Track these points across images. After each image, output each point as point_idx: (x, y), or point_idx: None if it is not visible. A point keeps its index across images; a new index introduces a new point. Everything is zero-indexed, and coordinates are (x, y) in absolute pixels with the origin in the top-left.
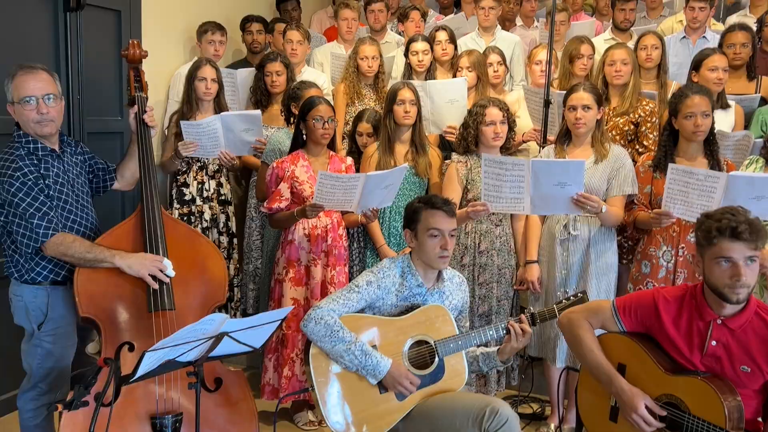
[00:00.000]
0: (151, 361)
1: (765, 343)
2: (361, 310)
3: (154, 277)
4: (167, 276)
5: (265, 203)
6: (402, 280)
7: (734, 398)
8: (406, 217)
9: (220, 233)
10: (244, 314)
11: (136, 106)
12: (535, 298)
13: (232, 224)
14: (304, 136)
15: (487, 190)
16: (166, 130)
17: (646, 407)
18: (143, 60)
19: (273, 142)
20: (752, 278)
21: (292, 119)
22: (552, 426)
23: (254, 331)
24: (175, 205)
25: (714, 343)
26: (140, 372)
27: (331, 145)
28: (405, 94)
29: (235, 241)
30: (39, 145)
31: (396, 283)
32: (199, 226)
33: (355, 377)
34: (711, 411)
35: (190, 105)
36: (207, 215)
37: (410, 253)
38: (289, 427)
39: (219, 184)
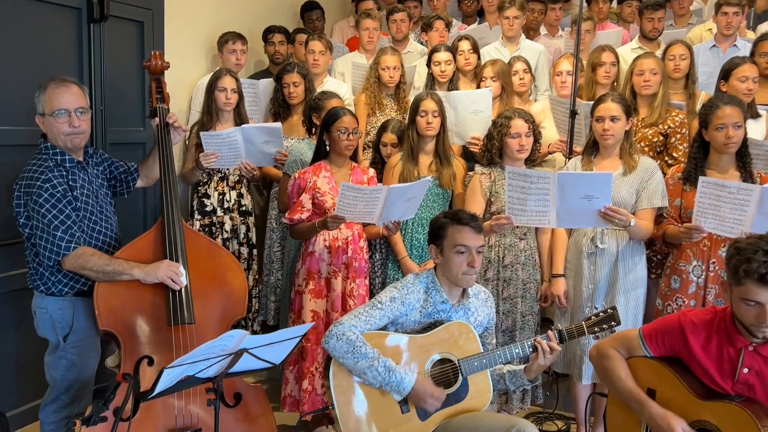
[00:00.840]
0: (170, 377)
1: None
2: (384, 327)
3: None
4: (181, 283)
5: (286, 214)
6: (426, 296)
7: None
8: (431, 232)
9: (240, 244)
10: (264, 325)
11: (157, 118)
12: (561, 313)
13: (253, 235)
14: (327, 146)
15: (511, 203)
16: (187, 141)
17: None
18: (165, 71)
19: (294, 153)
20: None
21: (313, 130)
22: None
23: (274, 347)
24: (196, 216)
25: (746, 370)
26: (159, 389)
27: (353, 156)
28: (428, 104)
29: (254, 251)
30: (66, 157)
31: (420, 300)
32: (220, 237)
33: (377, 396)
34: None
35: (210, 115)
36: (228, 226)
37: (435, 268)
38: None
39: (240, 195)
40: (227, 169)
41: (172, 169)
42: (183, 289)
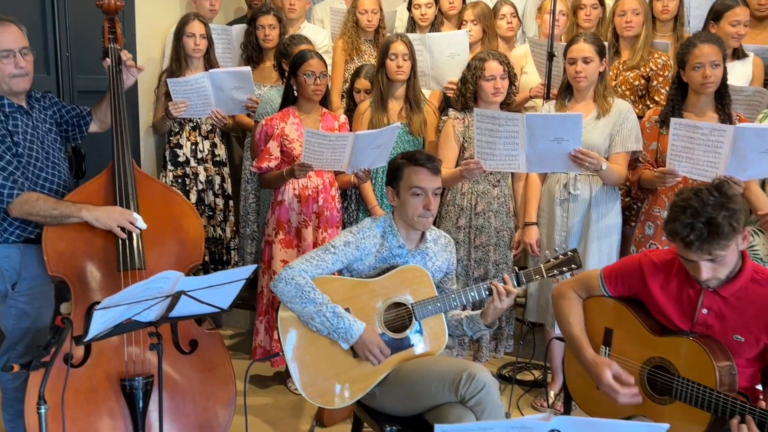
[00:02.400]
0: (104, 319)
1: (763, 311)
2: (339, 272)
3: (124, 231)
4: (138, 228)
5: (254, 162)
6: (382, 240)
7: (727, 360)
8: (388, 174)
9: (215, 195)
10: None
11: (108, 59)
12: (534, 261)
13: (228, 186)
14: (295, 92)
15: (480, 147)
16: (156, 90)
17: (615, 377)
18: (120, 11)
19: (265, 101)
20: (721, 272)
21: (285, 76)
22: (552, 393)
23: (216, 290)
24: (169, 167)
25: (705, 311)
26: (94, 331)
27: (325, 103)
28: (398, 47)
29: (231, 203)
30: (5, 101)
31: (376, 244)
32: (194, 188)
33: (328, 341)
34: (701, 372)
35: (179, 62)
36: (202, 177)
37: (392, 211)
38: (282, 391)
39: (213, 145)
40: (199, 118)
41: (124, 112)
42: (134, 234)
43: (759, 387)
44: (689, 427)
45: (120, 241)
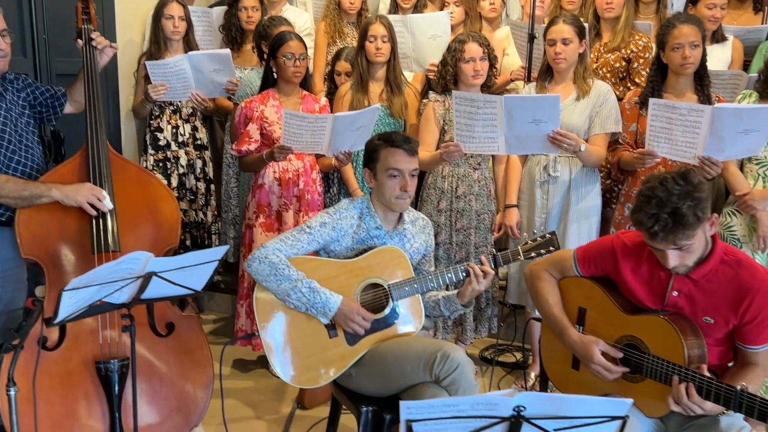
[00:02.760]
0: (74, 301)
1: (732, 292)
2: (316, 253)
3: (94, 209)
4: (105, 207)
5: (233, 145)
6: (360, 221)
7: (696, 338)
8: (365, 155)
9: (197, 179)
10: (225, 263)
11: (80, 40)
12: (514, 244)
13: (210, 170)
14: (275, 74)
15: (459, 129)
16: (136, 74)
17: (603, 353)
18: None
19: (245, 84)
20: (689, 259)
21: (265, 58)
22: (533, 375)
23: (189, 272)
24: (150, 151)
25: (675, 294)
26: (64, 313)
27: (305, 85)
28: (377, 29)
29: (212, 187)
30: None
31: (353, 225)
32: (176, 172)
33: (304, 322)
34: (670, 350)
35: (158, 45)
36: (183, 161)
37: (370, 193)
38: (264, 374)
39: (194, 129)
40: (179, 101)
41: (98, 92)
42: (108, 216)
43: (731, 365)
44: (660, 405)
45: (94, 223)
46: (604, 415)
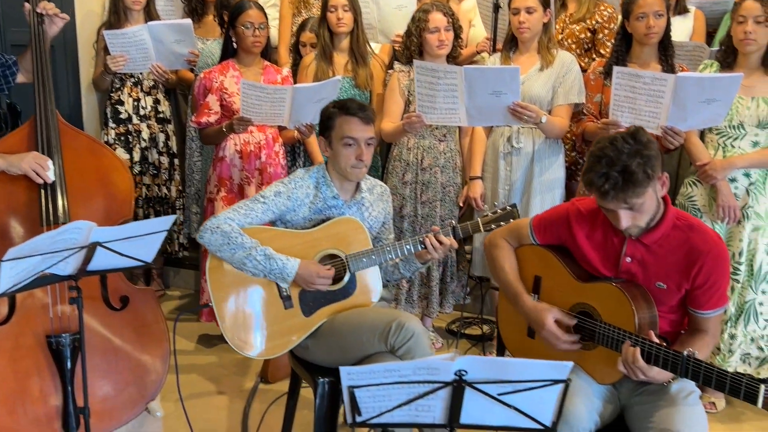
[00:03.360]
0: (15, 272)
1: (683, 257)
2: (273, 224)
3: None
4: (47, 177)
5: (193, 117)
6: (316, 191)
7: (648, 305)
8: (321, 124)
9: (159, 153)
10: (190, 239)
11: (27, 4)
12: (479, 216)
13: (173, 144)
14: (235, 44)
15: (421, 100)
16: (95, 45)
17: (557, 321)
18: None
19: (206, 55)
20: (641, 219)
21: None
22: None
23: (136, 242)
24: (111, 124)
25: (628, 259)
26: (5, 284)
27: (266, 55)
28: None
29: (176, 161)
30: None
31: (310, 195)
32: (138, 146)
33: (258, 293)
34: (622, 317)
35: (117, 15)
36: (145, 134)
37: (326, 162)
38: (228, 350)
39: (156, 101)
40: (140, 73)
41: (46, 61)
42: (57, 187)
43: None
44: (612, 371)
45: (43, 195)
46: (546, 378)
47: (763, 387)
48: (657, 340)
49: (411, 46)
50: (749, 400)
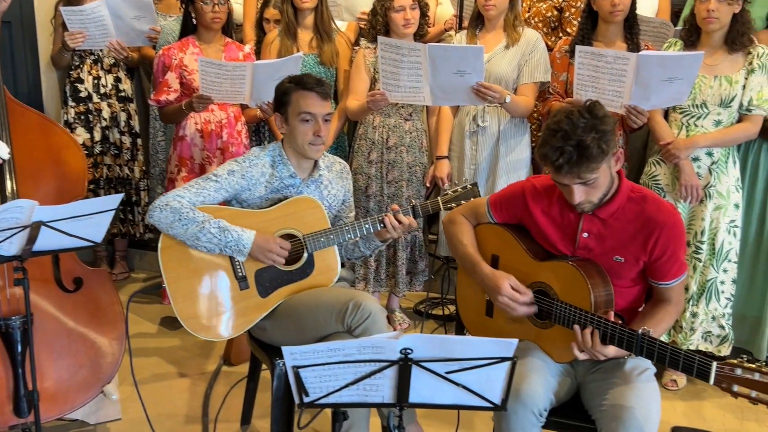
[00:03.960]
0: None
1: (639, 229)
2: (228, 203)
3: None
4: (2, 158)
5: (152, 95)
6: (272, 170)
7: (604, 283)
8: (276, 99)
9: (121, 133)
10: None
11: None
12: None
13: (135, 123)
14: (194, 20)
15: (385, 77)
16: (53, 21)
17: (513, 288)
18: None
19: (167, 32)
20: (594, 195)
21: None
22: None
23: (83, 222)
24: (70, 102)
25: (585, 235)
26: None
27: (228, 32)
28: None
29: (139, 141)
30: None
31: (266, 174)
32: (98, 125)
33: (213, 274)
34: (578, 296)
35: None
36: (106, 113)
37: (282, 139)
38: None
39: (117, 80)
40: (101, 50)
41: None
42: (3, 168)
43: (641, 309)
44: (568, 350)
45: None
46: (492, 356)
47: (715, 364)
48: (613, 320)
49: (377, 26)
50: (702, 377)
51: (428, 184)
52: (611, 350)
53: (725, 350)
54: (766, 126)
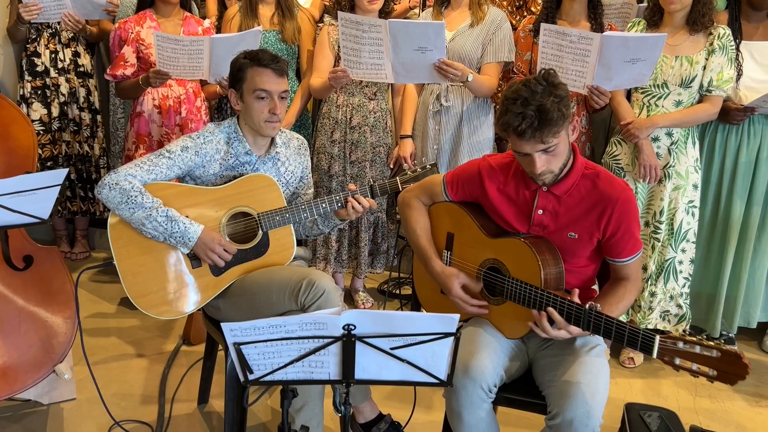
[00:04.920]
0: None
1: (593, 205)
2: (182, 180)
3: None
4: None
5: (108, 69)
6: (228, 147)
7: (554, 260)
8: (231, 75)
9: (80, 109)
10: None
11: None
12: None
13: (95, 99)
14: None
15: (346, 54)
16: None
17: (463, 287)
18: None
19: (126, 5)
20: (554, 164)
21: None
22: None
23: (27, 197)
24: (27, 77)
25: (540, 212)
26: None
27: (187, 6)
28: None
29: (99, 118)
30: None
31: (220, 151)
32: (56, 100)
33: (164, 250)
34: (528, 272)
35: None
36: (64, 89)
37: (237, 116)
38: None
39: (76, 54)
40: (58, 23)
41: None
42: None
43: (595, 287)
44: (519, 326)
45: None
46: (436, 331)
47: (658, 337)
48: (563, 295)
49: (342, 1)
50: (645, 350)
51: (392, 165)
52: (575, 328)
53: (683, 329)
54: (724, 107)
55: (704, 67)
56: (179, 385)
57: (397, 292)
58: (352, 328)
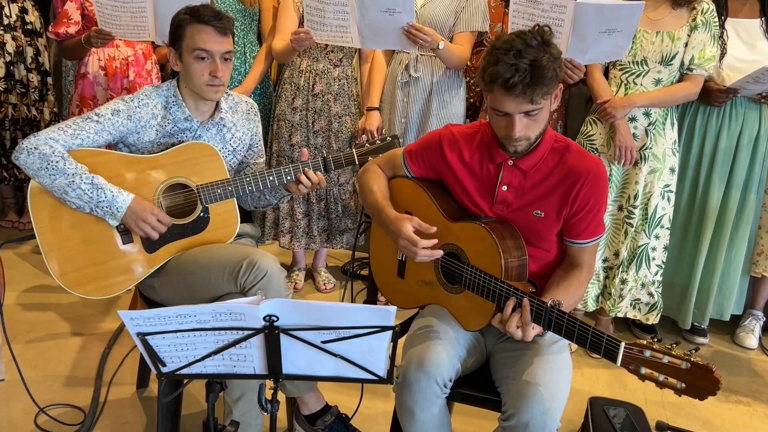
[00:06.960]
0: None
1: (561, 179)
2: (114, 147)
3: None
4: None
5: (50, 27)
6: (165, 111)
7: (517, 247)
8: (170, 33)
9: (28, 70)
10: None
11: None
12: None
13: (44, 60)
14: None
15: (309, 14)
16: None
17: (416, 232)
18: None
19: None
20: (533, 131)
21: None
22: None
23: None
24: None
25: (504, 188)
26: None
27: None
28: None
29: (49, 80)
30: None
31: (157, 116)
32: (1, 59)
33: (92, 223)
34: (488, 260)
35: None
36: (10, 47)
37: (177, 78)
38: None
39: (23, 10)
40: None
41: None
42: None
43: (552, 274)
44: (478, 318)
45: None
46: (371, 325)
47: (623, 344)
48: (524, 286)
49: None
50: (609, 357)
51: (358, 140)
52: (534, 331)
53: (653, 318)
54: (706, 88)
55: (686, 44)
56: (119, 367)
57: (366, 272)
58: (275, 319)
